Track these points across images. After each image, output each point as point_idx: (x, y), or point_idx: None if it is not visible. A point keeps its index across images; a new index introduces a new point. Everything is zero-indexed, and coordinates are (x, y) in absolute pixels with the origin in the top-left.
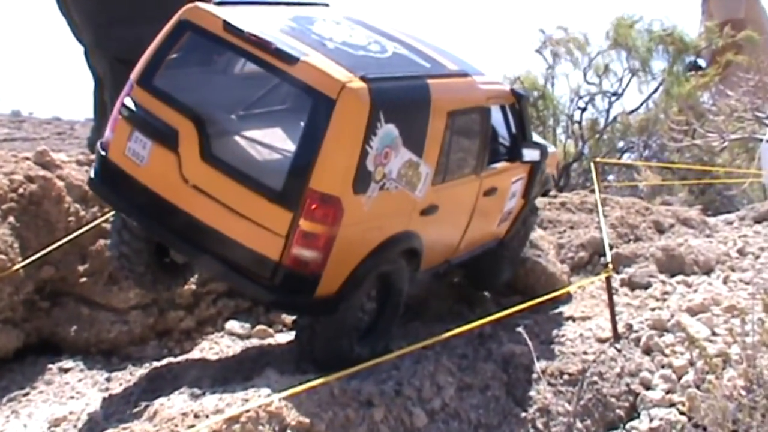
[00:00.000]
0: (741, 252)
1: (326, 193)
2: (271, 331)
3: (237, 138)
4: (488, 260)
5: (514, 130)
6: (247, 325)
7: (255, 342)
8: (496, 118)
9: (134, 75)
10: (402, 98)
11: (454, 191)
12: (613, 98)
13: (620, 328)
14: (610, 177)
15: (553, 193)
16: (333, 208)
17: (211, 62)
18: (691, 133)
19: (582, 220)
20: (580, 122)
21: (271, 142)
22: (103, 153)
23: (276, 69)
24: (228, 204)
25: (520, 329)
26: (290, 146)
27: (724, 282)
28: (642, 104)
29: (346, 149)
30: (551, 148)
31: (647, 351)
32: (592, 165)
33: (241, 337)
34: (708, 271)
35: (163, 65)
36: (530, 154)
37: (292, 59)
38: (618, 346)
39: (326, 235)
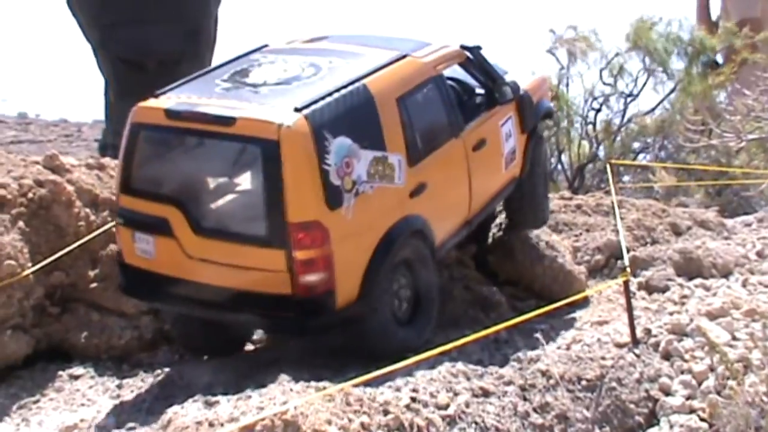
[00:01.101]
0: (760, 254)
1: (305, 221)
2: (282, 337)
3: (214, 205)
4: (518, 199)
5: (481, 78)
6: (260, 332)
7: (268, 346)
8: (460, 76)
9: (116, 186)
10: (342, 109)
11: (438, 162)
12: (629, 99)
13: (639, 333)
14: (626, 178)
15: (567, 195)
16: (317, 231)
17: (169, 149)
18: (708, 133)
19: (598, 222)
20: (594, 123)
21: (242, 196)
22: (121, 261)
23: (220, 134)
24: (230, 263)
25: (537, 335)
26: (259, 194)
27: (744, 285)
28: (658, 105)
29: (306, 176)
30: (535, 78)
31: (666, 356)
32: (607, 166)
33: (253, 341)
34: (727, 274)
35: (133, 168)
36: (504, 93)
37: (229, 120)
38: (637, 351)
39: (322, 255)
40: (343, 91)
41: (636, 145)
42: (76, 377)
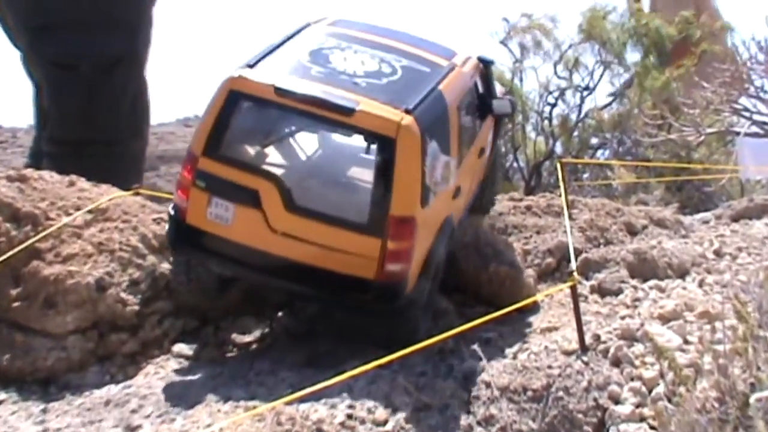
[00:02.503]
0: (718, 253)
1: (404, 215)
2: (220, 352)
3: (314, 187)
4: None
5: (482, 89)
6: (196, 347)
7: (204, 365)
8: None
9: (196, 148)
10: (433, 116)
11: (466, 167)
12: (585, 93)
13: (588, 339)
14: (586, 175)
15: (517, 196)
16: (410, 226)
17: (272, 125)
18: (666, 127)
19: (549, 224)
20: (550, 118)
21: (348, 184)
22: (179, 218)
23: (335, 122)
24: (318, 242)
25: (474, 347)
26: (364, 184)
27: (700, 285)
28: (615, 99)
29: (412, 176)
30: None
31: (616, 363)
32: (558, 165)
33: (189, 359)
34: (683, 275)
35: (224, 135)
36: (504, 107)
37: (349, 111)
38: (585, 358)
39: (408, 248)
40: (431, 98)
41: (594, 140)
42: None
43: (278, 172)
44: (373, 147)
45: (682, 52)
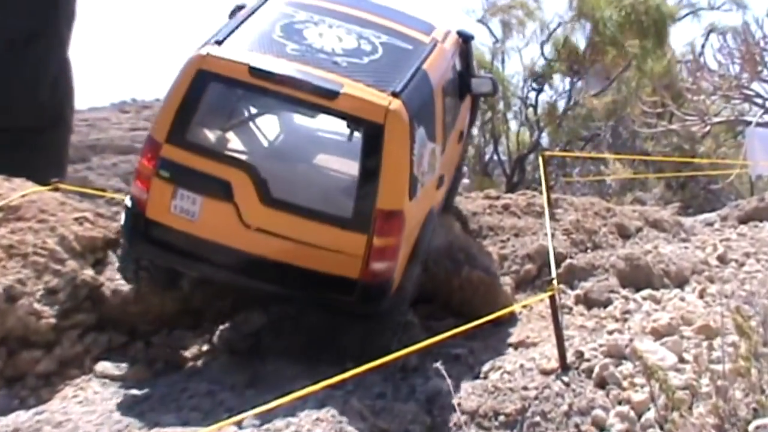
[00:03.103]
0: (722, 259)
1: (392, 209)
2: (150, 371)
3: (293, 177)
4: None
5: (460, 67)
6: (123, 365)
7: (131, 386)
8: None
9: (159, 134)
10: (420, 99)
11: (447, 154)
12: (575, 77)
13: (569, 356)
14: (576, 170)
15: (494, 194)
16: (398, 221)
17: (245, 108)
18: (668, 117)
19: (529, 225)
20: (535, 106)
21: (330, 174)
22: (138, 212)
23: (317, 106)
24: (297, 238)
25: (437, 365)
26: (347, 175)
27: (700, 296)
28: (609, 84)
29: (401, 166)
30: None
31: (601, 384)
32: (540, 159)
33: (114, 380)
34: (681, 284)
35: (191, 119)
36: (479, 85)
37: (332, 94)
38: (566, 378)
39: (395, 245)
40: (417, 80)
41: (585, 132)
42: None
43: (252, 161)
44: (357, 134)
45: None
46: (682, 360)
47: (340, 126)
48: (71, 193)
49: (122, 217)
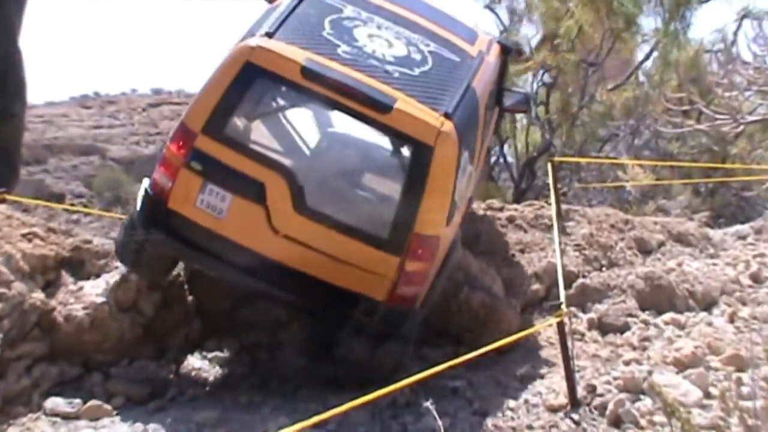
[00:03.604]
0: (755, 278)
1: (429, 234)
2: (108, 407)
3: (332, 187)
4: None
5: (496, 79)
6: (77, 401)
7: (86, 425)
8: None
9: (194, 123)
10: (468, 121)
11: (476, 174)
12: (591, 69)
13: (580, 391)
14: (593, 174)
15: (497, 205)
16: (433, 247)
17: (291, 109)
18: (696, 115)
19: (536, 240)
20: (546, 103)
21: (371, 189)
22: (159, 199)
23: (368, 118)
24: (325, 251)
25: (427, 404)
26: (389, 193)
27: (730, 320)
28: (629, 77)
29: (445, 192)
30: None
31: (616, 423)
32: (549, 166)
33: (66, 418)
34: (709, 307)
35: (232, 112)
36: (514, 102)
37: (385, 108)
38: (575, 416)
39: (426, 270)
40: (466, 99)
41: (602, 131)
42: None
43: (290, 165)
44: (404, 151)
45: None
46: (707, 395)
47: (385, 140)
48: (18, 204)
49: (137, 200)
